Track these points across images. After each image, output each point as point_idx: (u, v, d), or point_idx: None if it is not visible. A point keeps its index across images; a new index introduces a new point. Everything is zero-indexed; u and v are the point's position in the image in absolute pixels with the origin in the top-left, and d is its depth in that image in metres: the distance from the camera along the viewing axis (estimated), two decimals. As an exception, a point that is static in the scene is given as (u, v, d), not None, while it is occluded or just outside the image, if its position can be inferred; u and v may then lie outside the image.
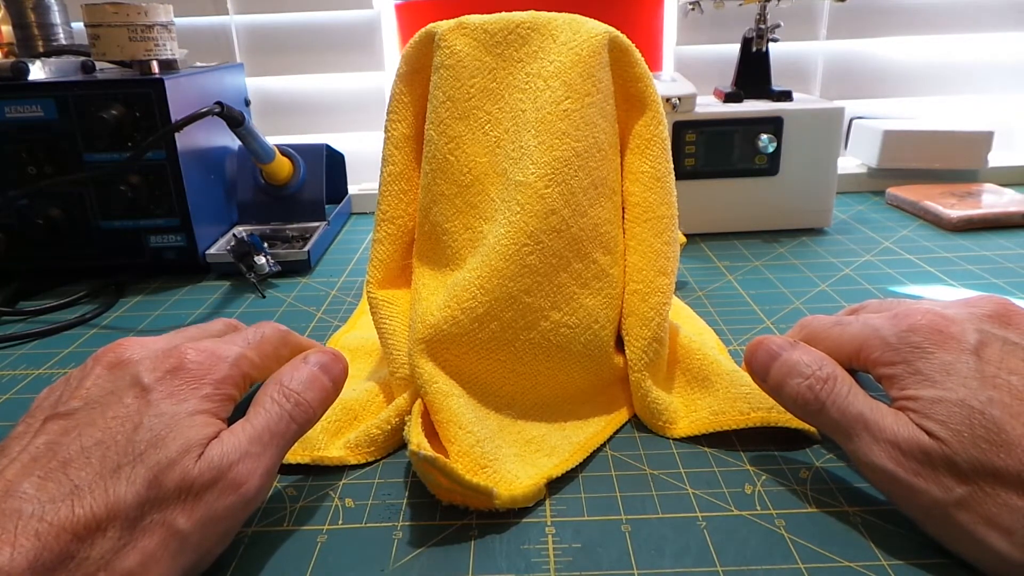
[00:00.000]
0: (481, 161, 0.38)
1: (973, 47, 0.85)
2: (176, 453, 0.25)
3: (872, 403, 0.29)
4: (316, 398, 0.30)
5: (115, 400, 0.26)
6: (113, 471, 0.24)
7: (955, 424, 0.26)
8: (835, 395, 0.29)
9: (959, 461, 0.25)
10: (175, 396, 0.27)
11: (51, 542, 0.21)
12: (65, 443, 0.24)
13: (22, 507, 0.22)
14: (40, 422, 0.26)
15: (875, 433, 0.28)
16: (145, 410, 0.26)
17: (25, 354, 0.49)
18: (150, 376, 0.27)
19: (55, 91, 0.55)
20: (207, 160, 0.63)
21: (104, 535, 0.23)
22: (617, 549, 0.29)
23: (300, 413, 0.29)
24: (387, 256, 0.40)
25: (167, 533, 0.24)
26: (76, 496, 0.23)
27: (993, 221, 0.66)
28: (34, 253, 0.59)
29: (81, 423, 0.25)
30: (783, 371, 0.31)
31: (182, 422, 0.26)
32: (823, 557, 0.28)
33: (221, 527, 0.26)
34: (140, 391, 0.26)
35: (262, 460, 0.27)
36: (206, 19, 0.84)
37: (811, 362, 0.31)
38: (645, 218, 0.38)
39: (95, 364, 0.28)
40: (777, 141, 0.62)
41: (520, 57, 0.38)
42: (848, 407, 0.29)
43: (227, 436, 0.27)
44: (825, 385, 0.30)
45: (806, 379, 0.30)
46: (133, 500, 0.23)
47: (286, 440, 0.29)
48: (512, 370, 0.36)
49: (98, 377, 0.28)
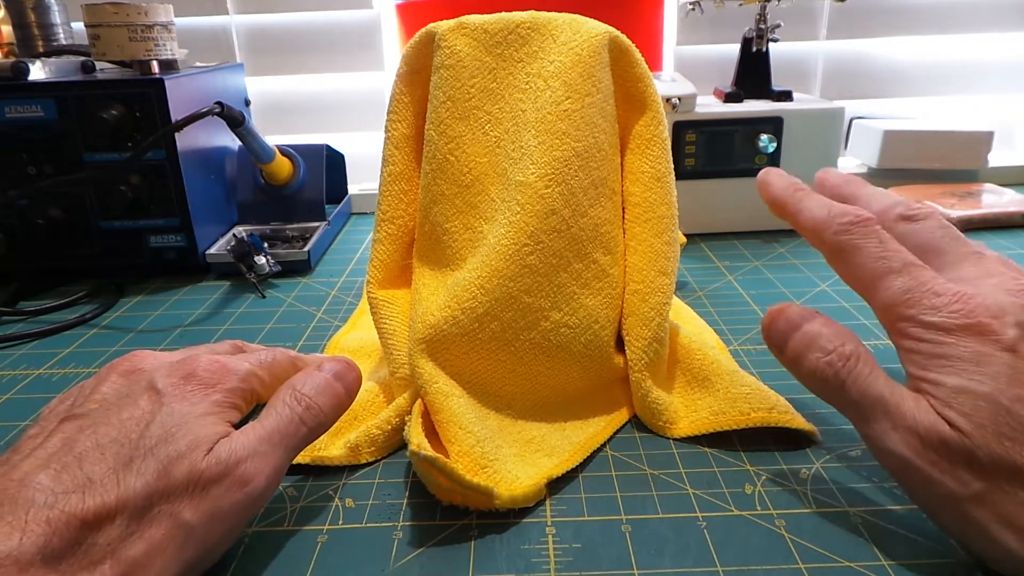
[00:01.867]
0: (481, 161, 0.38)
1: (973, 47, 0.85)
2: (185, 447, 0.26)
3: (893, 386, 0.27)
4: (328, 404, 0.30)
5: (130, 402, 0.27)
6: (125, 465, 0.25)
7: (979, 418, 0.25)
8: (856, 374, 0.28)
9: (980, 456, 0.25)
10: (187, 399, 0.27)
11: (61, 528, 0.22)
12: (81, 439, 0.25)
13: (35, 496, 0.23)
14: (56, 423, 0.27)
15: (894, 418, 0.27)
16: (158, 410, 0.27)
17: (25, 354, 0.49)
18: (164, 381, 0.28)
19: (55, 91, 0.55)
20: (207, 160, 0.63)
21: (112, 523, 0.23)
22: (617, 549, 0.29)
23: (311, 417, 0.29)
24: (387, 256, 0.40)
25: (173, 524, 0.25)
26: (88, 488, 0.24)
27: (993, 221, 0.66)
28: (34, 253, 0.59)
29: (97, 422, 0.26)
30: (803, 343, 0.29)
31: (193, 420, 0.27)
32: (823, 557, 0.28)
33: (226, 523, 0.26)
34: (154, 394, 0.27)
35: (270, 460, 0.27)
36: (206, 19, 0.84)
37: (833, 337, 0.29)
38: (645, 218, 0.38)
39: (110, 372, 0.30)
40: (777, 141, 0.62)
41: (520, 57, 0.38)
42: (869, 388, 0.27)
43: (237, 435, 0.27)
44: (847, 363, 0.28)
45: (827, 354, 0.28)
46: (142, 490, 0.24)
47: (296, 442, 0.29)
48: (512, 370, 0.36)
49: (113, 383, 0.29)
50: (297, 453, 0.30)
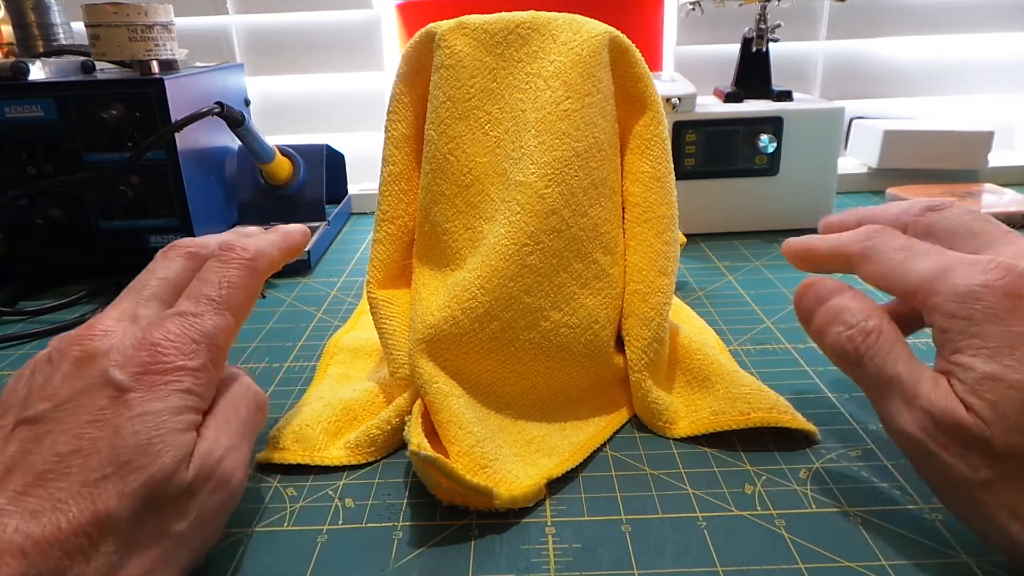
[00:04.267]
0: (481, 161, 0.38)
1: (973, 47, 0.85)
2: (171, 464, 0.24)
3: (913, 365, 0.27)
4: (256, 398, 0.30)
5: (87, 401, 0.24)
6: (97, 481, 0.23)
7: (1004, 407, 0.24)
8: (875, 350, 0.27)
9: (996, 444, 0.24)
10: (154, 392, 0.25)
11: (38, 560, 0.21)
12: (39, 452, 0.23)
13: (4, 523, 0.21)
14: (11, 426, 0.24)
15: (909, 398, 0.26)
16: (124, 411, 0.24)
17: (25, 354, 0.49)
18: (122, 373, 0.25)
19: (55, 91, 0.55)
20: (207, 160, 0.63)
21: (97, 550, 0.22)
22: (617, 549, 0.29)
23: (263, 403, 0.31)
24: (387, 256, 0.40)
25: (165, 538, 0.24)
26: (59, 510, 0.22)
27: (993, 221, 0.66)
28: (34, 253, 0.59)
29: (53, 428, 0.24)
30: (828, 317, 0.29)
31: (167, 423, 0.25)
32: (823, 557, 0.28)
33: (214, 522, 0.27)
34: (115, 391, 0.25)
35: (242, 450, 0.28)
36: (206, 19, 0.84)
37: (858, 311, 0.29)
38: (645, 218, 0.38)
39: (61, 358, 0.26)
40: (777, 141, 0.62)
41: (520, 57, 0.38)
42: (886, 365, 0.27)
43: (207, 433, 0.27)
44: (868, 338, 0.28)
45: (848, 328, 0.28)
46: (127, 515, 0.23)
47: (256, 428, 0.30)
48: (512, 370, 0.36)
49: (64, 374, 0.25)
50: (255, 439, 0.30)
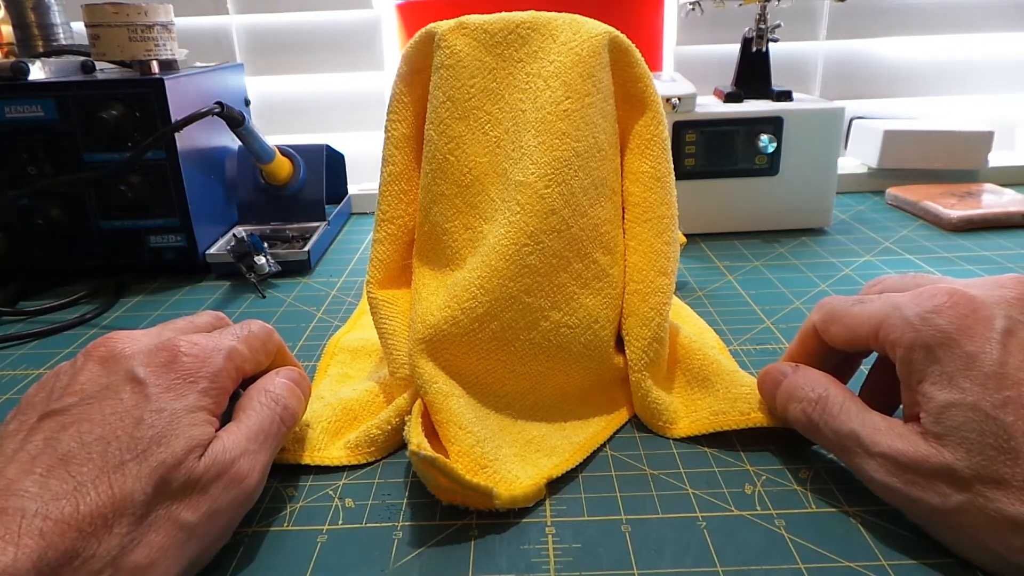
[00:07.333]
0: (481, 161, 0.38)
1: (973, 47, 0.85)
2: (182, 452, 0.25)
3: (865, 416, 0.29)
4: (295, 406, 0.32)
5: (111, 394, 0.26)
6: (116, 467, 0.24)
7: (965, 431, 0.25)
8: (827, 415, 0.30)
9: (959, 468, 0.25)
10: (173, 391, 0.27)
11: (55, 540, 0.21)
12: (64, 439, 0.24)
13: (25, 505, 0.22)
14: (35, 419, 0.26)
15: (868, 448, 0.28)
16: (144, 404, 0.26)
17: (25, 354, 0.49)
18: (144, 370, 0.27)
19: (55, 91, 0.55)
20: (207, 160, 0.63)
21: (110, 531, 0.23)
22: (617, 549, 0.29)
23: (288, 416, 0.31)
24: (387, 256, 0.40)
25: (174, 526, 0.25)
26: (79, 492, 0.23)
27: (993, 221, 0.66)
28: (34, 253, 0.59)
29: (79, 419, 0.25)
30: (785, 397, 0.32)
31: (183, 419, 0.26)
32: (823, 557, 0.28)
33: (224, 519, 0.27)
34: (136, 385, 0.26)
35: (260, 457, 0.28)
36: (206, 19, 0.84)
37: (805, 384, 0.31)
38: (645, 218, 0.38)
39: (86, 359, 0.28)
40: (777, 141, 0.62)
41: (520, 57, 0.38)
42: (840, 426, 0.29)
43: (225, 435, 0.28)
44: (816, 406, 0.30)
45: (800, 402, 0.31)
46: (140, 498, 0.24)
47: (277, 440, 0.30)
48: (512, 370, 0.36)
49: (91, 372, 0.27)
50: (277, 450, 0.31)
